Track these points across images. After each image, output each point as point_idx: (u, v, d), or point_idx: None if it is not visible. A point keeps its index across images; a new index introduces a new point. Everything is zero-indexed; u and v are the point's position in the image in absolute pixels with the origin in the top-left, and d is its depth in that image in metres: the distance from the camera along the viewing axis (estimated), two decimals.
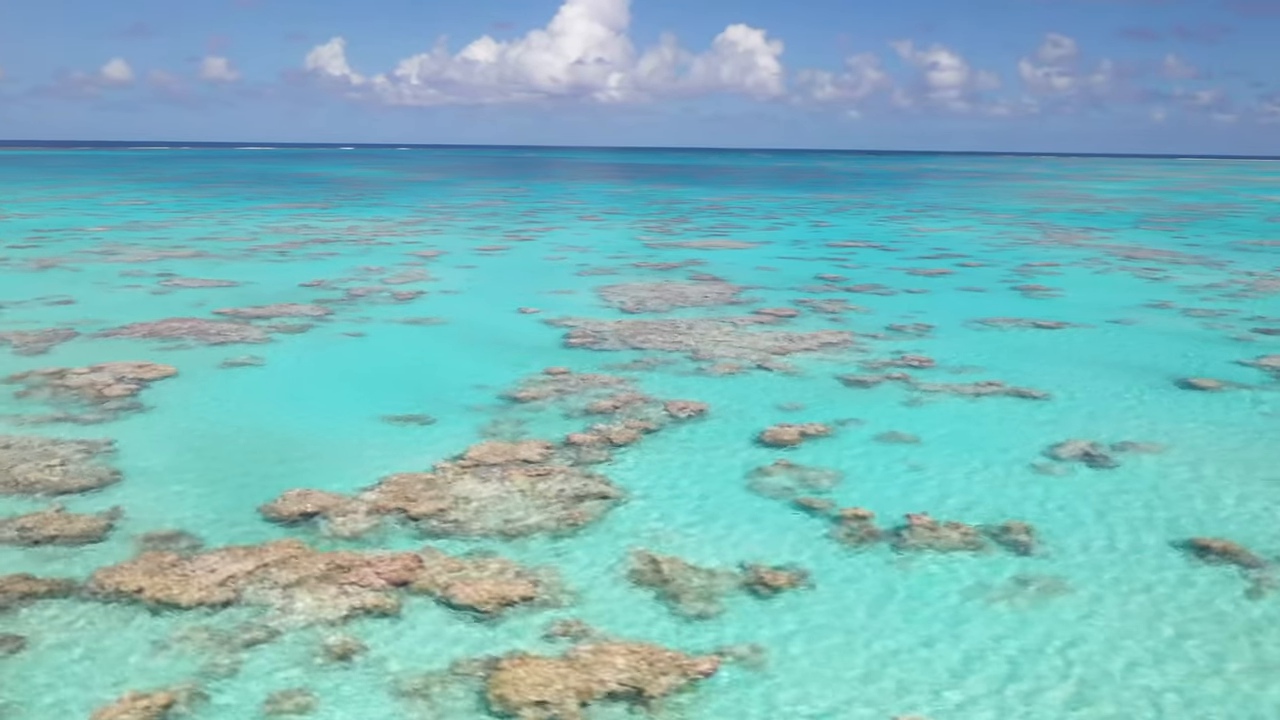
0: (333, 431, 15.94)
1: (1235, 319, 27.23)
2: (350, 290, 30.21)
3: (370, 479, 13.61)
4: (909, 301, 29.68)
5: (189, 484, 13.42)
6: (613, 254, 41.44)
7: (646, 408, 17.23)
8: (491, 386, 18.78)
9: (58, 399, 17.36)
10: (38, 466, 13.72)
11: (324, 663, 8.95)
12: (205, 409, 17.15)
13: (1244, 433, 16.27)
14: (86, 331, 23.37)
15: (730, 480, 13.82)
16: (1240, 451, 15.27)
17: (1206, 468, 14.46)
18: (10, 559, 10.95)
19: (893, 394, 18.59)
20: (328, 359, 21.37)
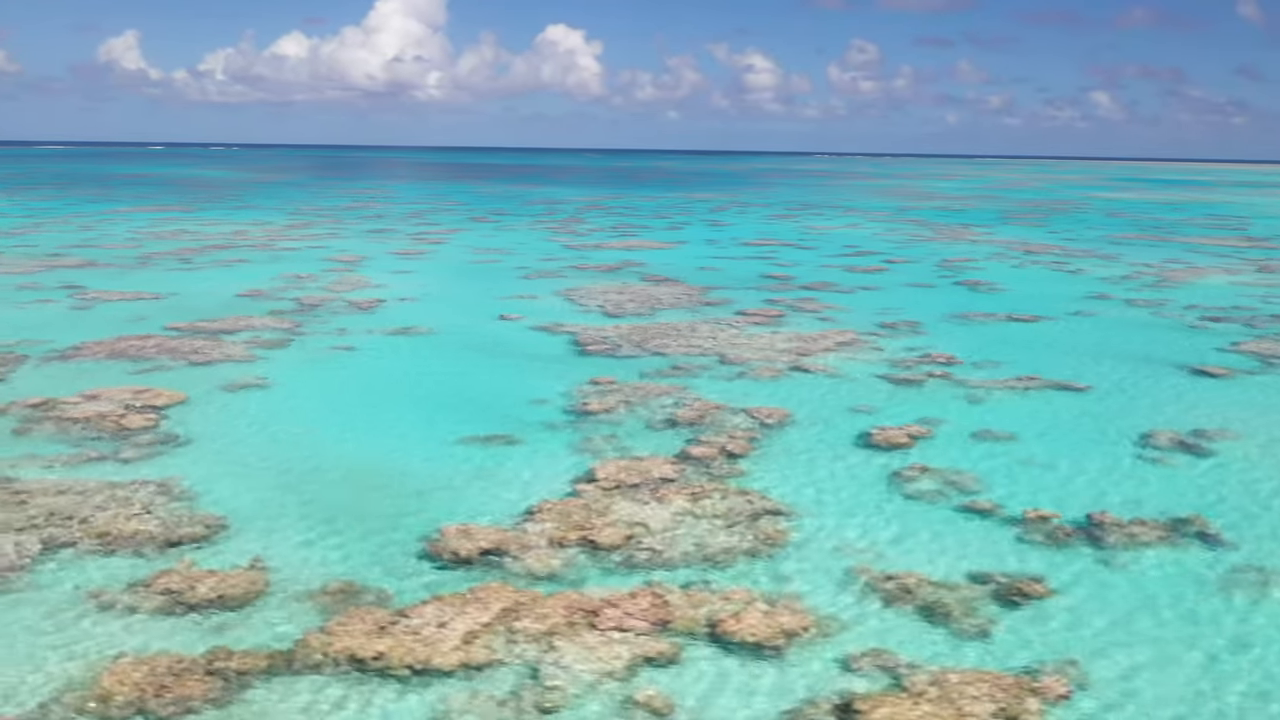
0: (421, 457, 14.55)
1: (1176, 309, 29.17)
2: (301, 300, 27.93)
3: (511, 507, 12.48)
4: (874, 299, 30.19)
5: (312, 526, 11.87)
6: (540, 256, 40.30)
7: (729, 416, 16.64)
8: (549, 400, 17.69)
9: (69, 434, 15.07)
10: (122, 515, 11.80)
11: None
12: (255, 438, 15.31)
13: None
14: (34, 354, 20.51)
15: (882, 487, 13.47)
16: None
17: None
18: (180, 629, 9.30)
19: (948, 392, 18.75)
20: (346, 377, 19.58)
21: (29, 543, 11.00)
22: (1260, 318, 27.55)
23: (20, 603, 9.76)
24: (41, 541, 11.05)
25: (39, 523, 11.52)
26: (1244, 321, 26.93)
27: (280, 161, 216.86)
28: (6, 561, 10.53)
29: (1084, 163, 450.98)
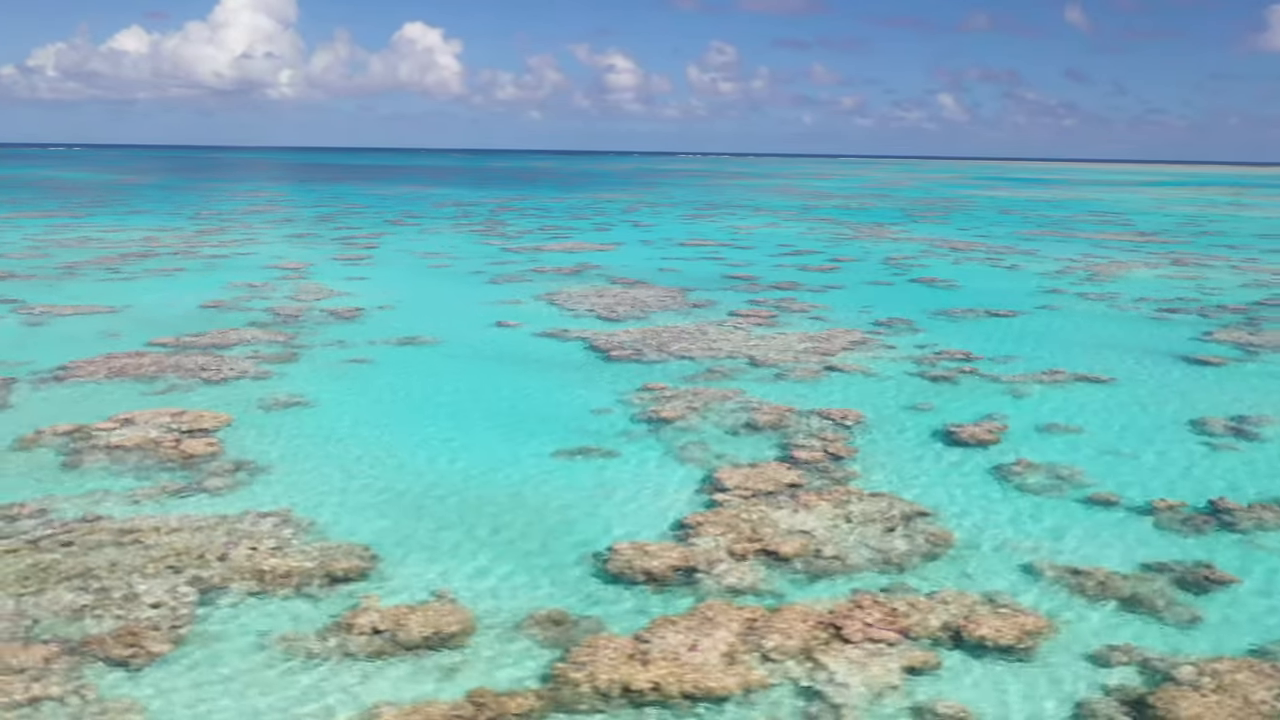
0: (526, 473, 13.98)
1: (1128, 301, 30.89)
2: (275, 311, 26.41)
3: (658, 521, 12.16)
4: (848, 298, 30.75)
5: (468, 551, 11.26)
6: (488, 260, 39.39)
7: (805, 418, 16.65)
8: (611, 409, 17.30)
9: (129, 464, 13.82)
10: (262, 551, 10.88)
11: None
12: (339, 459, 14.35)
13: None
14: (20, 376, 18.71)
15: (1000, 483, 13.73)
16: None
17: None
18: (412, 671, 8.64)
19: (989, 387, 19.28)
20: (387, 392, 18.56)
21: (181, 588, 10.03)
22: (1208, 308, 29.46)
23: (206, 659, 8.85)
24: (192, 586, 10.10)
25: (175, 564, 10.51)
26: (1197, 312, 28.76)
27: (133, 162, 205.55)
28: (166, 611, 9.57)
29: (938, 161, 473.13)
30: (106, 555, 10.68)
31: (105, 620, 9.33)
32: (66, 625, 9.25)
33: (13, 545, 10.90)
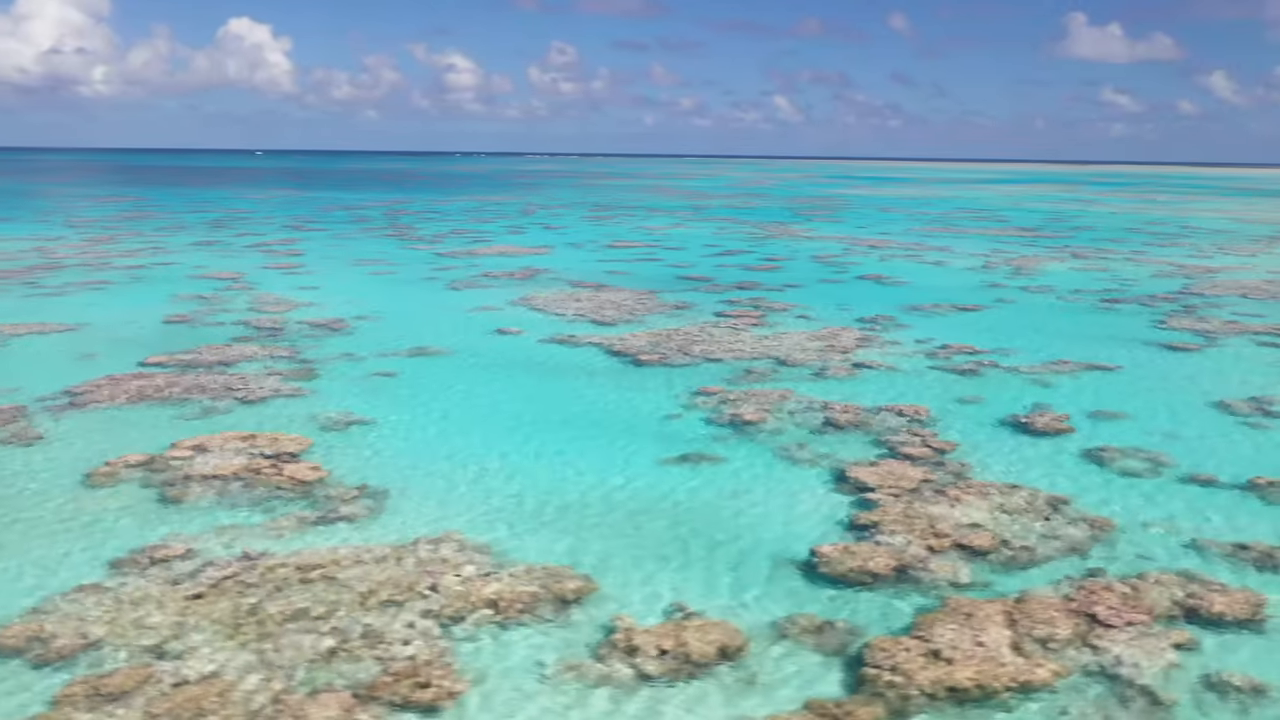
0: (664, 482, 13.83)
1: (1066, 293, 32.96)
2: (251, 324, 24.86)
3: (828, 523, 12.30)
4: (815, 296, 31.45)
5: (680, 565, 11.11)
6: (430, 266, 38.26)
7: (877, 415, 17.10)
8: (680, 414, 17.26)
9: (237, 494, 12.86)
10: (470, 578, 10.36)
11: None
12: (462, 478, 13.77)
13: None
14: (28, 403, 17.03)
15: (1104, 469, 14.48)
16: None
17: None
18: (716, 690, 8.47)
19: (1014, 379, 20.21)
20: (455, 405, 17.79)
21: (419, 622, 9.46)
22: (1142, 298, 31.81)
23: (505, 692, 8.43)
24: (428, 619, 9.53)
25: (389, 598, 9.89)
26: (1135, 302, 31.01)
27: None
28: (424, 646, 9.01)
29: (779, 161, 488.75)
30: (310, 594, 9.94)
31: (365, 662, 8.72)
32: (327, 671, 8.59)
33: (194, 590, 10.00)
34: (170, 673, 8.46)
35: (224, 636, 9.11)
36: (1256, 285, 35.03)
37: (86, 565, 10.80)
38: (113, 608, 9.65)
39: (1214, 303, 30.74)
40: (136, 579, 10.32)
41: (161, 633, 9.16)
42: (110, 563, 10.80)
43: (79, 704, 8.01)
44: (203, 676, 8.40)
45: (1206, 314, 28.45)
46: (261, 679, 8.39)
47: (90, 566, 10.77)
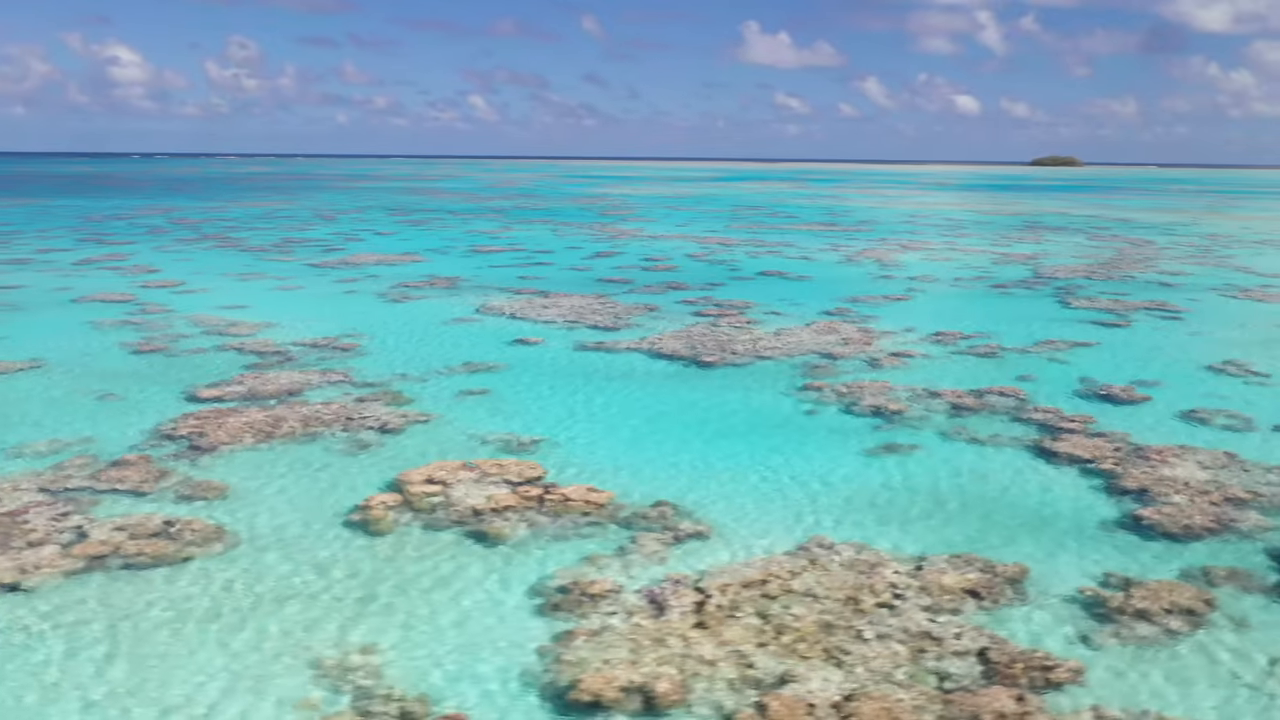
0: (893, 474, 14.63)
1: (970, 280, 36.85)
2: (244, 349, 22.44)
3: (1090, 493, 13.74)
4: (759, 292, 33.00)
5: (1077, 550, 11.99)
6: (331, 279, 35.77)
7: (984, 398, 18.80)
8: (817, 409, 18.06)
9: (558, 526, 12.22)
10: (932, 572, 10.75)
11: None
12: (744, 484, 13.82)
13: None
14: (154, 455, 14.77)
15: (1215, 429, 17.02)
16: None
17: None
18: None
19: (1033, 359, 22.74)
20: (616, 415, 17.39)
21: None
22: (1026, 281, 36.26)
23: (1118, 673, 9.09)
24: (928, 612, 9.89)
25: (868, 602, 10.11)
26: (1024, 286, 35.31)
27: None
28: (983, 638, 9.42)
29: (495, 161, 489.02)
30: (805, 606, 9.95)
31: (950, 660, 9.01)
32: (923, 670, 8.81)
33: (695, 620, 9.67)
34: (802, 695, 8.34)
35: (789, 654, 9.01)
36: (1088, 269, 40.89)
37: (528, 616, 10.05)
38: (635, 649, 9.17)
39: (1084, 285, 35.67)
40: (619, 619, 9.77)
41: (730, 664, 8.90)
42: (550, 607, 10.11)
43: None
44: (845, 693, 8.36)
45: (1094, 295, 33.04)
46: (883, 682, 8.50)
47: (533, 617, 10.04)
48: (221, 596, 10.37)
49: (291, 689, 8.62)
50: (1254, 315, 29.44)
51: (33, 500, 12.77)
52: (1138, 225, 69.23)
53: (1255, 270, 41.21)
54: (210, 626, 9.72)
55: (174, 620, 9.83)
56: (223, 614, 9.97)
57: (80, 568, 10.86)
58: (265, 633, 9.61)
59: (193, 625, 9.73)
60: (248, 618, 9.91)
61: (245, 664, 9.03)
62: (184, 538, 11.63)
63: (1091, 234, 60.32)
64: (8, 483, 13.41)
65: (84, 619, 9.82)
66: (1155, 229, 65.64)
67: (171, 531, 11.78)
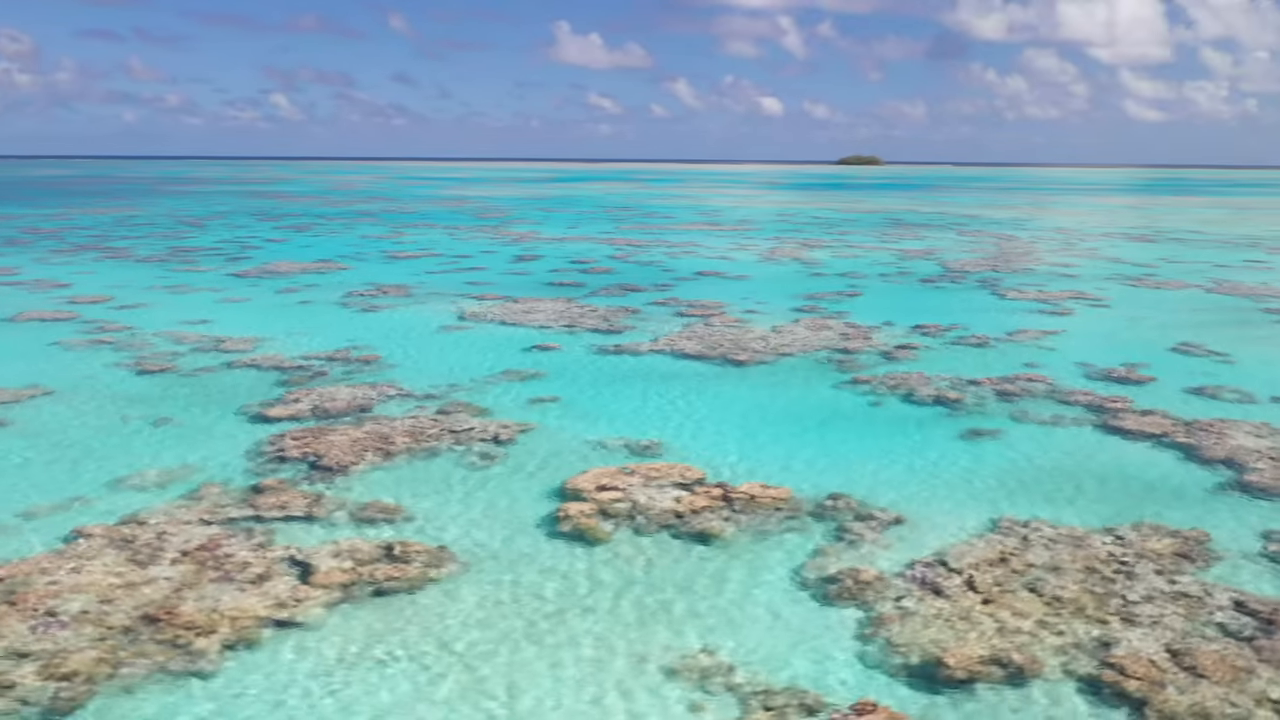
0: (990, 458, 15.86)
1: (876, 275, 39.03)
2: (255, 365, 21.32)
3: (1178, 466, 15.41)
4: (715, 291, 33.92)
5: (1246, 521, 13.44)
6: (270, 290, 34.05)
7: (1016, 383, 20.44)
8: (881, 400, 19.16)
9: (758, 524, 12.65)
10: (1153, 537, 11.88)
11: None
12: (902, 484, 14.62)
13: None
14: (288, 477, 14.06)
15: (1231, 404, 19.24)
16: None
17: None
18: None
19: (1026, 349, 24.73)
20: (725, 415, 17.75)
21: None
22: (944, 275, 38.86)
23: None
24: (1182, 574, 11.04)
25: (1101, 576, 11.17)
26: (947, 280, 37.88)
27: None
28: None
29: (303, 163, 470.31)
30: (1062, 580, 10.87)
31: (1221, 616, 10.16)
32: (1205, 626, 9.91)
33: (983, 596, 10.40)
34: (1137, 654, 9.22)
35: (1087, 619, 9.90)
36: (986, 263, 44.20)
37: (821, 605, 10.50)
38: (953, 626, 9.82)
39: (997, 278, 38.61)
40: (910, 602, 10.37)
41: (1048, 633, 9.69)
42: (834, 596, 10.60)
43: None
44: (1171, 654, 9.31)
45: (1016, 287, 35.88)
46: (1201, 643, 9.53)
47: (826, 606, 10.50)
48: (512, 612, 10.27)
49: (663, 697, 8.78)
50: (1164, 301, 32.94)
51: (209, 534, 12.05)
52: (990, 221, 74.94)
53: (1128, 260, 45.81)
54: (526, 643, 9.66)
55: (481, 640, 9.70)
56: (531, 629, 9.91)
57: (338, 598, 10.46)
58: (590, 643, 9.65)
59: (506, 643, 9.65)
60: (558, 630, 9.89)
61: (597, 676, 9.08)
62: (415, 559, 11.35)
63: (959, 230, 64.95)
64: (161, 516, 12.56)
65: (390, 647, 9.54)
66: (1006, 224, 71.31)
67: (396, 554, 11.46)
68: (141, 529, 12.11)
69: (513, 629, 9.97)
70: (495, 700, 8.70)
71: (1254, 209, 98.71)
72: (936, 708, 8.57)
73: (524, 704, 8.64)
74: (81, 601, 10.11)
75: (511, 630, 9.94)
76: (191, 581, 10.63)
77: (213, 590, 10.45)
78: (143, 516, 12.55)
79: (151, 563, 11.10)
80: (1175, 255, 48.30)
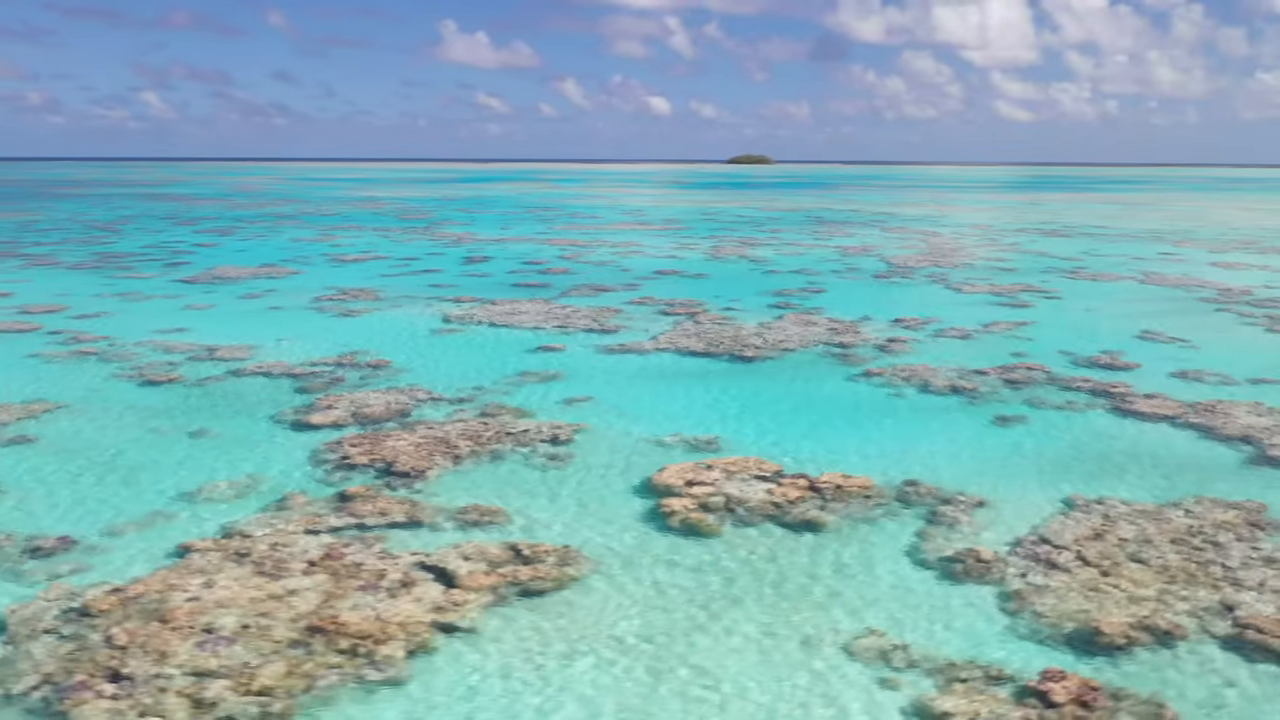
0: (1023, 440, 16.76)
1: (831, 273, 40.16)
2: (263, 371, 20.75)
3: (1213, 439, 16.59)
4: (684, 290, 34.37)
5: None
6: (230, 296, 32.93)
7: (1031, 372, 21.51)
8: (900, 391, 19.94)
9: (880, 512, 13.13)
10: None
11: None
12: (948, 464, 15.31)
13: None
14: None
15: (1212, 386, 20.69)
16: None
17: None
18: None
19: (1010, 341, 25.94)
20: (754, 420, 18.12)
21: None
22: (893, 271, 40.22)
23: None
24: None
25: (1207, 550, 12.04)
26: (899, 275, 39.24)
27: None
28: None
29: (174, 164, 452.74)
30: (1201, 557, 11.67)
31: None
32: None
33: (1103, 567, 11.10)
34: (1264, 614, 10.03)
35: (1202, 585, 10.70)
36: (925, 259, 45.92)
37: (954, 585, 11.03)
38: (1087, 597, 10.47)
39: (945, 272, 40.20)
40: (1038, 577, 11.00)
41: (1173, 599, 10.44)
42: (961, 574, 11.14)
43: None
44: None
45: (969, 281, 37.45)
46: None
47: (958, 585, 11.04)
48: (666, 604, 10.48)
49: (851, 676, 9.15)
50: (1106, 292, 34.91)
51: (323, 543, 11.85)
52: (908, 218, 77.57)
53: (1054, 254, 48.23)
54: (696, 633, 9.89)
55: (651, 632, 9.89)
56: (692, 621, 10.14)
57: (490, 600, 10.48)
58: (755, 630, 9.95)
59: (676, 634, 9.86)
60: (719, 619, 10.16)
61: (779, 659, 9.40)
62: (546, 559, 11.42)
63: (882, 227, 67.11)
64: (264, 527, 12.27)
65: (569, 643, 9.66)
66: (924, 221, 73.99)
67: (526, 554, 11.51)
68: (249, 541, 11.83)
69: (675, 621, 10.19)
70: (696, 684, 8.94)
71: (1143, 205, 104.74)
72: (1107, 672, 9.18)
73: (726, 688, 8.90)
74: (235, 616, 9.88)
75: (674, 622, 10.16)
76: (336, 591, 10.49)
77: (364, 599, 10.34)
78: (243, 529, 12.26)
79: (282, 574, 10.88)
80: (1093, 249, 51.08)
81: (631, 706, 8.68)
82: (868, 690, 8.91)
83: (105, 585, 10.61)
